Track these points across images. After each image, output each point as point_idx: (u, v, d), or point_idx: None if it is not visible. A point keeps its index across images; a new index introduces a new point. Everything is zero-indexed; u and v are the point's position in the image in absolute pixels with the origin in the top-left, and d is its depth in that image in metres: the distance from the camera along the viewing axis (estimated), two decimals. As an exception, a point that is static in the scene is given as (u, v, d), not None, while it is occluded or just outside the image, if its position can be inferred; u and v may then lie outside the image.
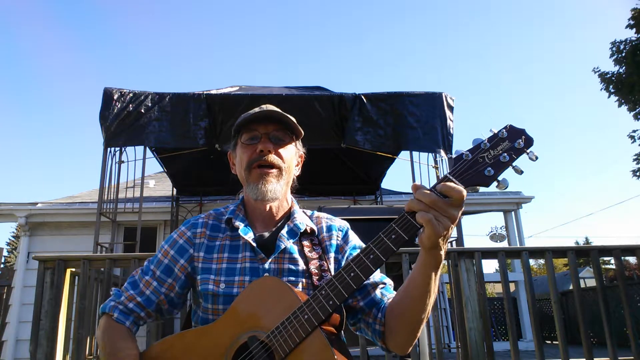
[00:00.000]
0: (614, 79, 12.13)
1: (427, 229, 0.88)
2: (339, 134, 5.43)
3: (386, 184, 8.87)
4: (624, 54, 11.85)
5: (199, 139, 5.09)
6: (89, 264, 3.19)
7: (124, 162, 5.42)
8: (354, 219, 1.37)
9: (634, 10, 11.88)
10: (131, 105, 5.04)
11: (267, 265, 1.15)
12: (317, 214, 1.32)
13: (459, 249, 3.53)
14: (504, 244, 8.10)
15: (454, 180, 0.91)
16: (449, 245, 5.30)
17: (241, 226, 1.20)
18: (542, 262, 4.13)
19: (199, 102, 5.14)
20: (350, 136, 5.22)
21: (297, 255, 1.17)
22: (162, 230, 7.59)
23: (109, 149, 5.17)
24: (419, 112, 5.27)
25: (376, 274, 1.14)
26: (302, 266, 1.16)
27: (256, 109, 1.24)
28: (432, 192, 0.89)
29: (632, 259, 16.23)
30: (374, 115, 5.24)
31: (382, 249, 0.95)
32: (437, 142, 5.17)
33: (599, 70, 12.41)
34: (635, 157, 12.75)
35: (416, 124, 5.23)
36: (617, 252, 3.43)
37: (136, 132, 5.03)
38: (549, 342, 11.67)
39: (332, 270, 1.19)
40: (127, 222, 6.97)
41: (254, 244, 1.17)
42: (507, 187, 0.91)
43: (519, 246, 7.56)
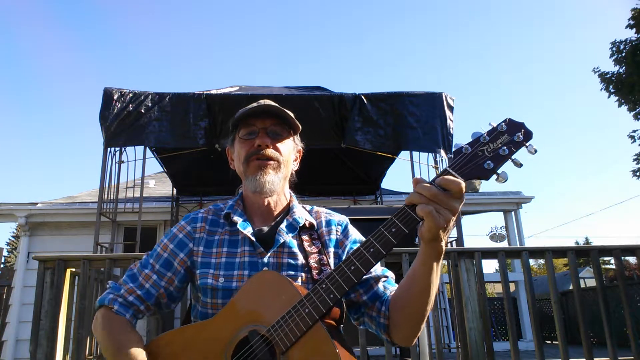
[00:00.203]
0: (614, 79, 12.14)
1: (428, 221, 0.89)
2: (339, 134, 5.43)
3: (386, 184, 8.87)
4: (624, 54, 11.85)
5: (199, 139, 5.09)
6: (89, 264, 3.18)
7: (124, 162, 5.42)
8: (354, 219, 1.37)
9: (634, 10, 11.88)
10: (131, 105, 5.04)
11: (266, 259, 1.15)
12: (316, 208, 1.32)
13: (459, 249, 3.52)
14: (504, 244, 8.12)
15: (453, 173, 0.92)
16: (449, 245, 5.30)
17: (239, 221, 1.20)
18: (542, 262, 4.13)
19: (199, 102, 5.14)
20: (350, 136, 5.22)
21: (296, 249, 1.17)
22: (162, 230, 7.59)
23: (109, 149, 5.17)
24: (419, 112, 5.27)
25: (377, 267, 1.14)
26: (301, 260, 1.16)
27: (254, 104, 1.24)
28: (432, 185, 0.90)
29: (632, 259, 16.23)
30: (374, 115, 5.25)
31: (382, 242, 0.94)
32: (437, 142, 5.17)
33: (599, 70, 12.41)
34: (635, 157, 12.76)
35: (416, 124, 5.23)
36: (617, 252, 3.43)
37: (136, 132, 5.04)
38: (549, 342, 11.66)
39: (332, 264, 1.19)
40: (127, 222, 6.98)
41: (253, 238, 1.17)
42: (506, 180, 0.91)
43: (519, 246, 7.56)
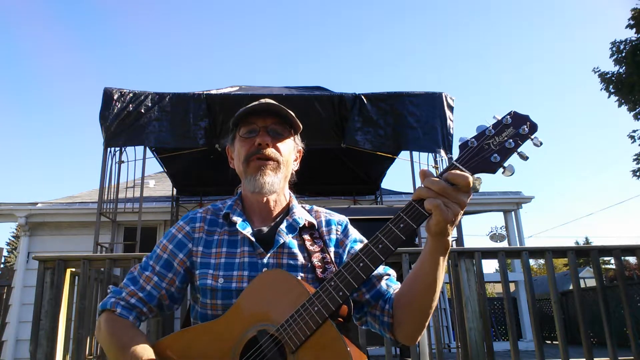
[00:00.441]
0: (614, 79, 12.13)
1: (436, 215, 0.89)
2: (339, 134, 5.43)
3: (386, 184, 8.88)
4: (624, 54, 11.85)
5: (199, 139, 5.09)
6: (89, 264, 3.18)
7: (124, 162, 5.43)
8: (354, 219, 1.36)
9: (634, 10, 11.88)
10: (131, 105, 5.04)
11: (265, 260, 1.14)
12: (315, 208, 1.32)
13: (459, 249, 3.52)
14: (504, 244, 8.12)
15: (460, 167, 0.91)
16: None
17: (239, 221, 1.19)
18: (542, 262, 4.13)
19: (199, 102, 5.14)
20: (350, 136, 5.22)
21: (296, 250, 1.17)
22: (162, 230, 7.59)
23: (109, 149, 5.18)
24: (419, 112, 5.28)
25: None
26: (301, 261, 1.15)
27: (255, 103, 1.23)
28: (441, 180, 0.90)
29: (632, 259, 16.23)
30: (374, 115, 5.25)
31: (390, 238, 0.94)
32: (437, 142, 5.18)
33: (599, 70, 12.40)
34: (635, 157, 12.75)
35: (416, 124, 5.23)
36: (617, 252, 3.43)
37: (136, 132, 5.04)
38: (549, 342, 11.66)
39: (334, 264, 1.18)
40: (127, 222, 6.98)
41: (253, 239, 1.16)
42: (513, 173, 0.91)
43: (519, 246, 7.56)
